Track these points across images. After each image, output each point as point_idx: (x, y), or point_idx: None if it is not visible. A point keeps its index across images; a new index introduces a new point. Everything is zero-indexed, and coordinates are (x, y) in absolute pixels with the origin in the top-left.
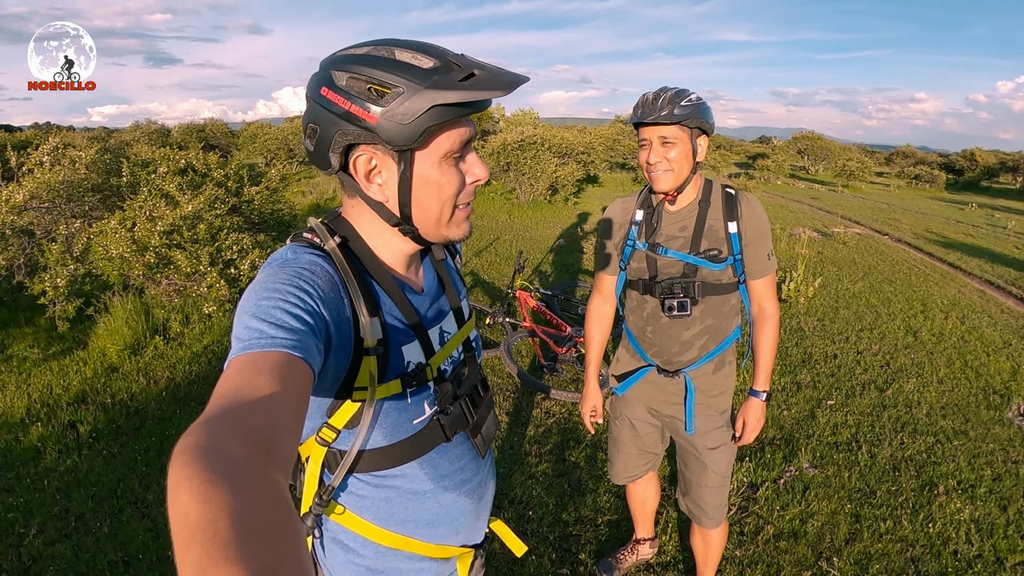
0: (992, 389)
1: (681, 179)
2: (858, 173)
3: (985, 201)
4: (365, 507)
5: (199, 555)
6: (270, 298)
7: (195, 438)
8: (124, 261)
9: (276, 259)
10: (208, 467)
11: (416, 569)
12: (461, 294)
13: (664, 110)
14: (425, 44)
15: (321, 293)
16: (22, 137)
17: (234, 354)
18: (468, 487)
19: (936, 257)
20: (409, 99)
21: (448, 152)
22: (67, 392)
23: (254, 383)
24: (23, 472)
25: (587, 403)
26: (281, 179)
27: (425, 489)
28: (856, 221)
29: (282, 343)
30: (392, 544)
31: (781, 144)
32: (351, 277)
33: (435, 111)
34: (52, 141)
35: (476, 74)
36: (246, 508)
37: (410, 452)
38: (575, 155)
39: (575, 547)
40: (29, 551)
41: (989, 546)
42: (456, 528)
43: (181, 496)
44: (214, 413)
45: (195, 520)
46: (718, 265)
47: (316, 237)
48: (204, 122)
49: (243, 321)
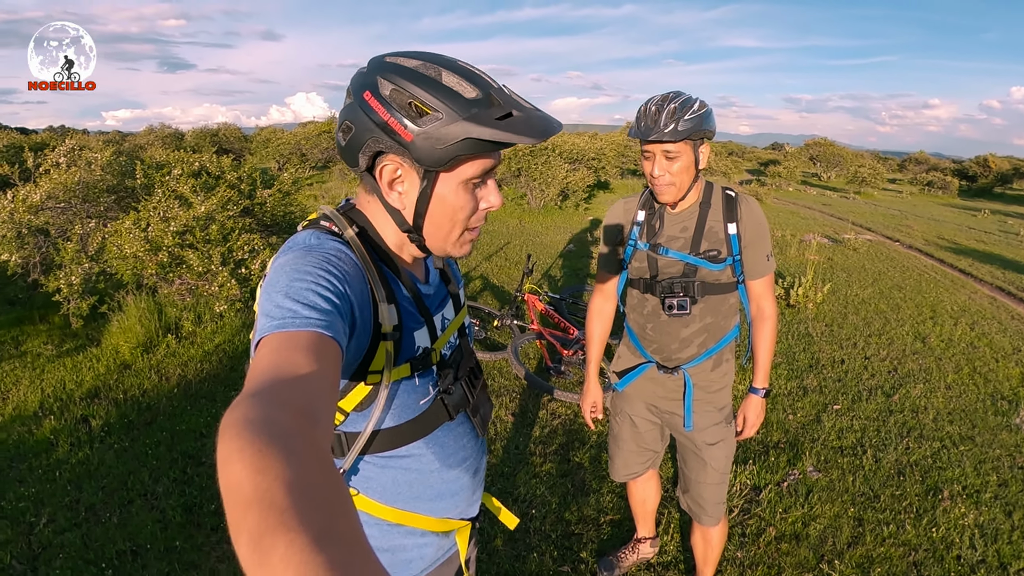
0: (1000, 395)
1: (683, 190)
2: (870, 179)
3: (998, 207)
4: (372, 488)
5: (256, 522)
6: (301, 280)
7: (242, 411)
8: (138, 260)
9: (299, 243)
10: (258, 437)
11: (419, 544)
12: (459, 283)
13: (668, 127)
14: (472, 72)
15: (347, 277)
16: (37, 139)
17: (266, 331)
18: (468, 463)
19: (947, 263)
20: (446, 126)
21: (469, 178)
22: (80, 388)
23: (292, 359)
24: (35, 463)
25: (587, 399)
26: (293, 183)
27: (431, 467)
28: (867, 227)
29: (315, 323)
30: (397, 520)
31: (793, 151)
32: (370, 265)
33: (467, 142)
34: (68, 143)
35: (514, 115)
36: (298, 475)
37: (416, 432)
38: (586, 161)
39: (576, 545)
40: (39, 539)
41: (993, 551)
42: (456, 502)
43: (234, 466)
44: (257, 387)
45: (250, 490)
46: (717, 265)
47: (334, 225)
48: (217, 127)
49: (275, 300)
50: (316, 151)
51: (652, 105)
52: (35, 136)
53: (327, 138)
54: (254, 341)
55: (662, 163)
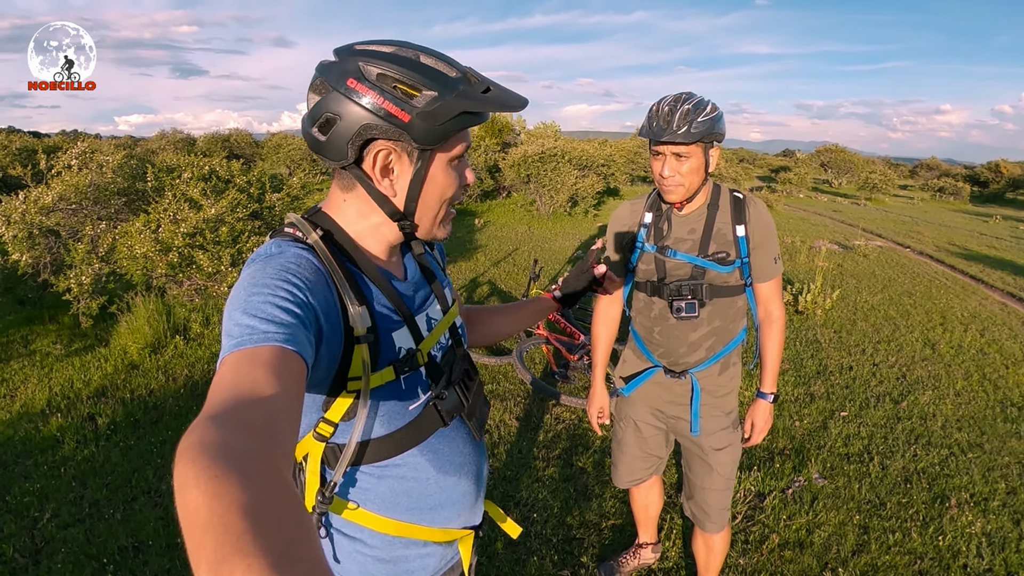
0: (1010, 402)
1: (692, 191)
2: (881, 186)
3: (1010, 213)
4: (370, 499)
5: (213, 549)
6: (259, 293)
7: (198, 435)
8: (148, 260)
9: (261, 254)
10: (213, 462)
11: (422, 554)
12: (444, 282)
13: (680, 129)
14: (442, 54)
15: (308, 285)
16: (50, 143)
17: (227, 351)
18: (466, 469)
19: (958, 270)
20: (442, 103)
21: (456, 156)
22: (87, 387)
23: (250, 377)
24: (41, 460)
25: (594, 404)
26: (302, 187)
27: (428, 475)
28: (878, 234)
29: (274, 337)
30: (398, 532)
31: (804, 157)
32: (336, 268)
33: (462, 117)
34: (80, 146)
35: (492, 90)
36: (255, 499)
37: (409, 439)
38: (595, 167)
39: (577, 550)
40: (42, 534)
41: (1000, 560)
42: (458, 510)
43: (190, 493)
44: (214, 410)
45: (206, 516)
46: (726, 268)
47: (298, 231)
48: (229, 132)
49: (233, 318)
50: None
51: (665, 105)
52: (48, 140)
53: None
54: (218, 362)
55: (672, 164)
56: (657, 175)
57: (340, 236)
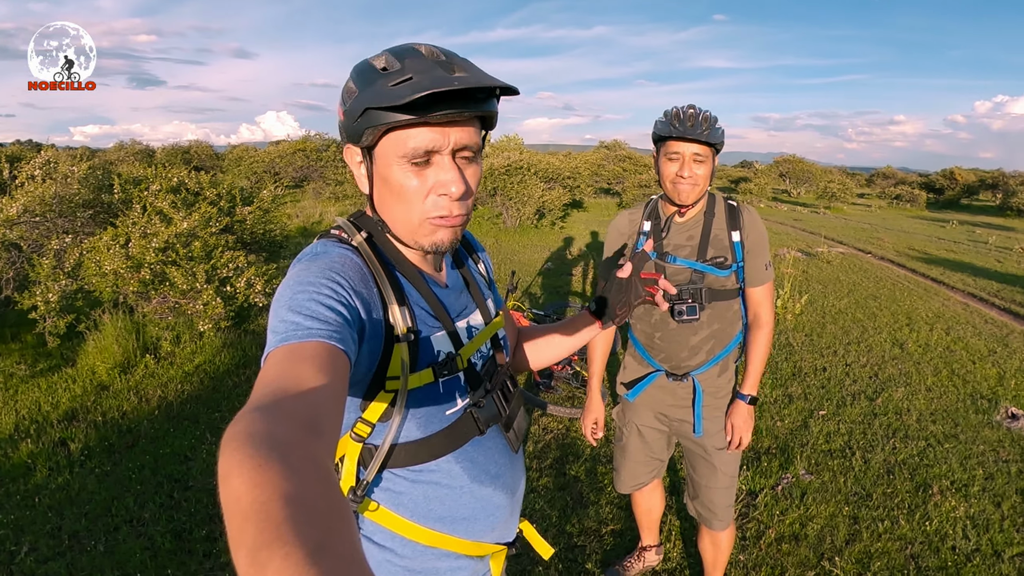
0: (979, 394)
1: (701, 193)
2: (840, 195)
3: (966, 218)
4: (403, 503)
5: (253, 536)
6: (304, 291)
7: (243, 425)
8: (119, 277)
9: (307, 254)
10: (257, 451)
11: (453, 568)
12: (484, 293)
13: (703, 129)
14: (411, 49)
15: (352, 284)
16: (8, 152)
17: (272, 346)
18: (502, 481)
19: (919, 273)
20: (353, 100)
21: (402, 156)
22: (56, 409)
23: (295, 372)
24: (12, 489)
25: (589, 416)
26: (272, 200)
27: (462, 484)
28: (839, 241)
29: (318, 333)
30: (430, 542)
31: (763, 168)
32: (379, 268)
33: (369, 114)
34: (44, 155)
35: (413, 79)
36: (296, 489)
37: (445, 445)
38: (561, 180)
39: (580, 557)
40: (21, 569)
41: (986, 540)
42: (492, 524)
43: (232, 481)
44: (259, 401)
45: (247, 503)
46: (724, 272)
47: (344, 233)
48: (189, 144)
49: (279, 315)
50: (290, 169)
51: (685, 109)
52: (4, 149)
53: (301, 156)
54: (263, 358)
55: (690, 164)
56: (673, 176)
57: (381, 239)
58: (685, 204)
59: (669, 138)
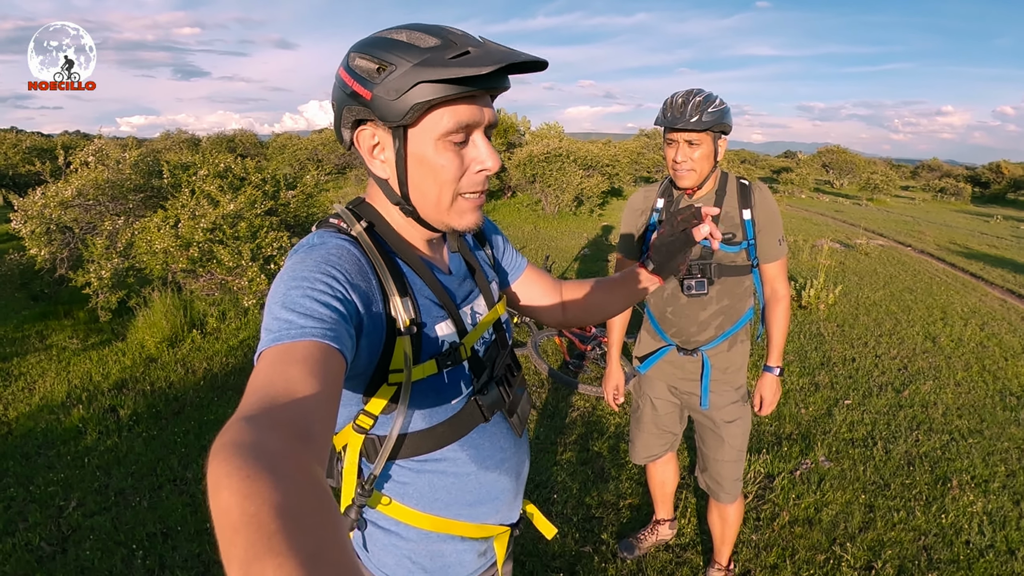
0: (1009, 391)
1: (702, 177)
2: (883, 186)
3: (1011, 213)
4: (408, 494)
5: (244, 549)
6: (298, 287)
7: (231, 435)
8: (168, 255)
9: (303, 245)
10: (246, 463)
11: (459, 550)
12: (489, 277)
13: (693, 117)
14: (439, 27)
15: (349, 277)
16: (57, 142)
17: (264, 346)
18: (507, 466)
19: (958, 267)
20: (398, 76)
21: (444, 133)
22: (107, 380)
23: (286, 375)
24: (63, 450)
25: (610, 382)
26: (315, 185)
27: (468, 471)
28: (879, 233)
29: (312, 332)
30: (435, 528)
31: (806, 158)
32: (379, 259)
33: (421, 88)
34: (98, 143)
35: (471, 51)
36: (286, 500)
37: (450, 434)
38: (600, 167)
39: (597, 528)
40: (68, 522)
41: (1001, 537)
42: (496, 507)
43: (222, 493)
44: (248, 410)
45: (237, 516)
46: (733, 248)
47: (343, 223)
48: (233, 133)
49: (272, 312)
50: (333, 156)
51: (679, 97)
52: (54, 139)
53: None
54: (255, 356)
55: (684, 150)
56: (671, 161)
57: (383, 227)
58: (685, 188)
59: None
